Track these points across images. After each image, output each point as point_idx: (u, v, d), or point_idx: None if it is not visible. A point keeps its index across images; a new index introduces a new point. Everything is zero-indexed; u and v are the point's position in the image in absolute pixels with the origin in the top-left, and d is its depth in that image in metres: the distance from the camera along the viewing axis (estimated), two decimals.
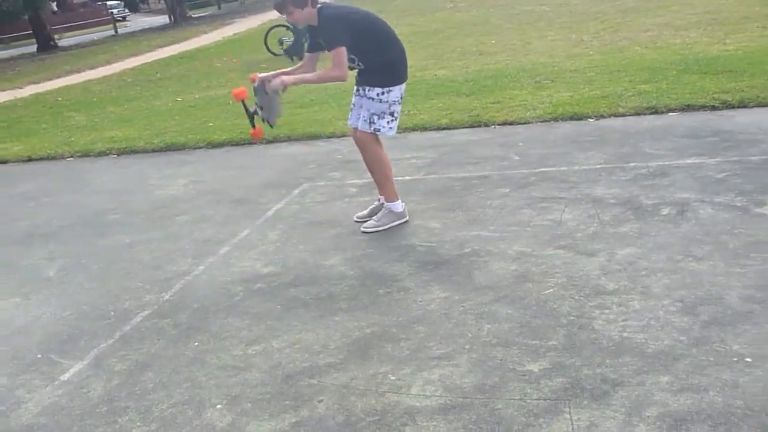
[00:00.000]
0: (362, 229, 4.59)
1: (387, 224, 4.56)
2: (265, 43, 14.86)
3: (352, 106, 4.64)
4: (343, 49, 4.27)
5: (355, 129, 4.59)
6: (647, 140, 5.55)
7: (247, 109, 4.60)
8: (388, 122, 4.47)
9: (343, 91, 9.44)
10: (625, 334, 2.96)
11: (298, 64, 4.77)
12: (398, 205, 4.61)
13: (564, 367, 2.79)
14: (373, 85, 4.43)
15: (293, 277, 4.04)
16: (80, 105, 12.27)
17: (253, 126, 4.62)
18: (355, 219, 4.77)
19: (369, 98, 4.43)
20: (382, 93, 4.41)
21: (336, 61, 4.31)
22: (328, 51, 4.37)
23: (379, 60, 4.43)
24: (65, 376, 3.32)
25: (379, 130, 4.47)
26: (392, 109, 4.46)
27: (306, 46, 4.70)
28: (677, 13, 12.37)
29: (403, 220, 4.60)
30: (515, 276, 3.63)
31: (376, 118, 4.44)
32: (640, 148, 5.39)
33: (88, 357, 3.47)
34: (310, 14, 4.37)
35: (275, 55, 14.44)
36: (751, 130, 5.44)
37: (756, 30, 9.57)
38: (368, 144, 4.53)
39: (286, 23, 14.41)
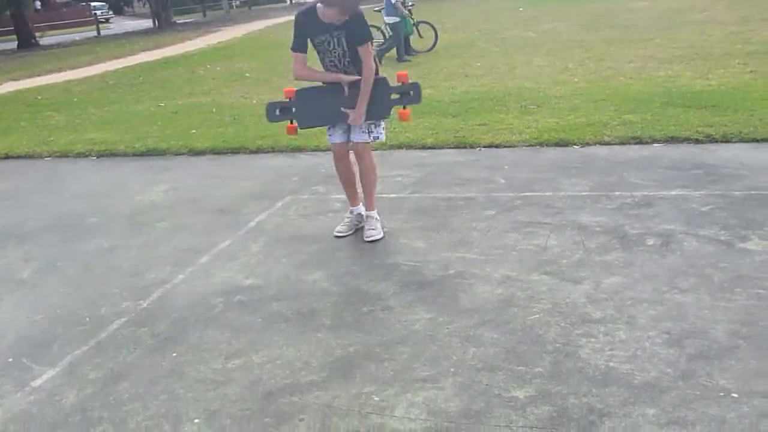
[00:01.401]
0: (367, 238, 4.58)
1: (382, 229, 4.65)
2: None
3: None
4: None
5: (343, 144, 4.57)
6: (632, 170, 5.58)
7: (288, 108, 4.64)
8: (382, 128, 4.61)
9: None
10: (611, 364, 2.94)
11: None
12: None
13: (550, 395, 2.76)
14: None
15: (275, 290, 3.98)
16: (60, 105, 12.11)
17: (291, 122, 4.65)
18: (336, 235, 4.73)
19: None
20: None
21: (369, 54, 4.33)
22: (360, 46, 4.34)
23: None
24: (37, 383, 3.23)
25: (378, 137, 4.56)
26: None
27: (296, 44, 4.53)
28: (660, 46, 12.52)
29: None
30: (501, 300, 3.61)
31: (373, 126, 4.50)
32: (626, 177, 5.42)
33: (62, 363, 3.38)
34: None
35: None
36: (733, 164, 5.49)
37: (737, 66, 9.71)
38: (369, 153, 4.60)
39: (377, 25, 14.48)
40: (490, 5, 28.93)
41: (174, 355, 3.36)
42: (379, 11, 14.66)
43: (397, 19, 13.43)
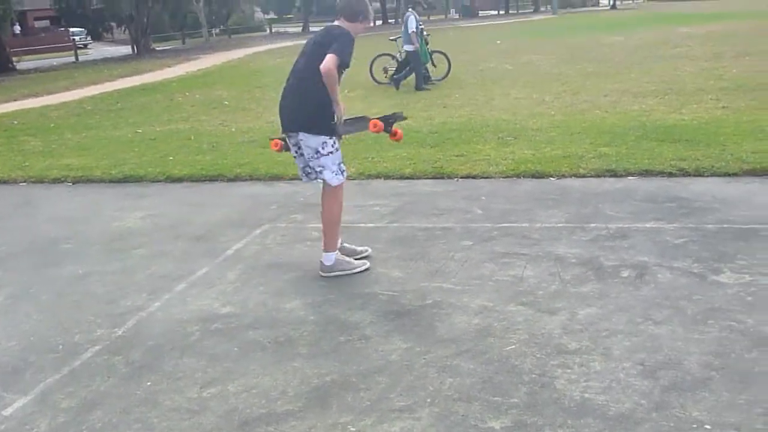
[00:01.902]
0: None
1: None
2: (370, 71, 14.93)
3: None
4: None
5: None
6: (607, 202, 5.65)
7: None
8: (329, 173, 4.58)
9: None
10: (586, 395, 2.96)
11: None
12: None
13: (526, 425, 2.77)
14: None
15: (252, 319, 3.96)
16: (37, 130, 12.03)
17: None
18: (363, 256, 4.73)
19: None
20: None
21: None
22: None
23: None
24: (8, 411, 3.18)
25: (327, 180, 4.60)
26: None
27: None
28: (635, 80, 12.76)
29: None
30: (477, 330, 3.62)
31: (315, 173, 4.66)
32: (601, 209, 5.49)
33: (34, 392, 3.33)
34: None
35: (378, 83, 14.61)
36: (706, 198, 5.59)
37: (710, 102, 9.91)
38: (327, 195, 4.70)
39: (391, 52, 14.61)
40: (468, 37, 29.30)
41: (149, 383, 3.33)
42: (394, 40, 14.81)
43: (414, 48, 13.48)
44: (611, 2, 59.24)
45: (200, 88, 16.87)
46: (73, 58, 34.70)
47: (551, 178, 6.51)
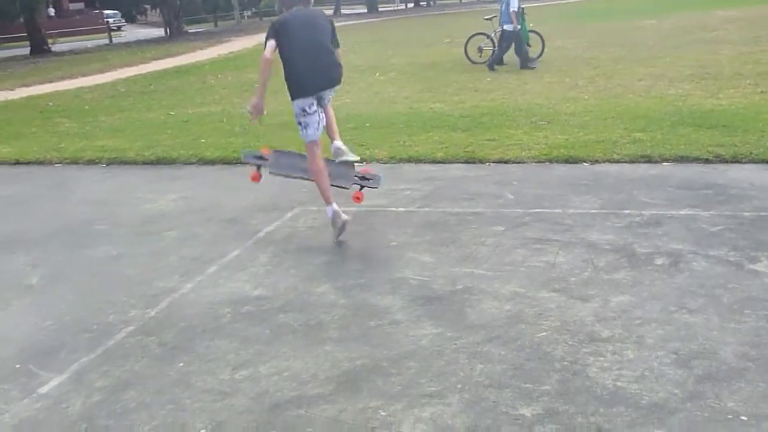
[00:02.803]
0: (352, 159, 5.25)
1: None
2: (465, 51, 14.76)
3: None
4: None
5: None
6: (642, 188, 5.57)
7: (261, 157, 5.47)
8: (301, 131, 5.05)
9: (337, 118, 9.44)
10: (619, 384, 2.93)
11: None
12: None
13: (557, 413, 2.76)
14: None
15: (283, 302, 3.98)
16: (71, 111, 12.18)
17: (258, 169, 5.46)
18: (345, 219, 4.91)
19: None
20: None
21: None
22: None
23: (285, 70, 4.96)
24: (44, 389, 3.23)
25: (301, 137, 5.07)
26: (298, 119, 5.03)
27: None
28: (670, 64, 12.53)
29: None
30: (508, 316, 3.60)
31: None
32: (635, 195, 5.41)
33: (69, 371, 3.38)
34: None
35: (473, 62, 14.43)
36: (743, 185, 5.48)
37: (748, 87, 9.70)
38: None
39: (486, 32, 14.41)
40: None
41: (181, 364, 3.36)
42: (489, 20, 14.62)
43: (514, 27, 13.26)
44: None
45: (232, 71, 16.93)
46: (107, 41, 35.02)
47: (584, 164, 6.43)
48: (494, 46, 14.40)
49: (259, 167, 5.54)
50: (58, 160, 8.24)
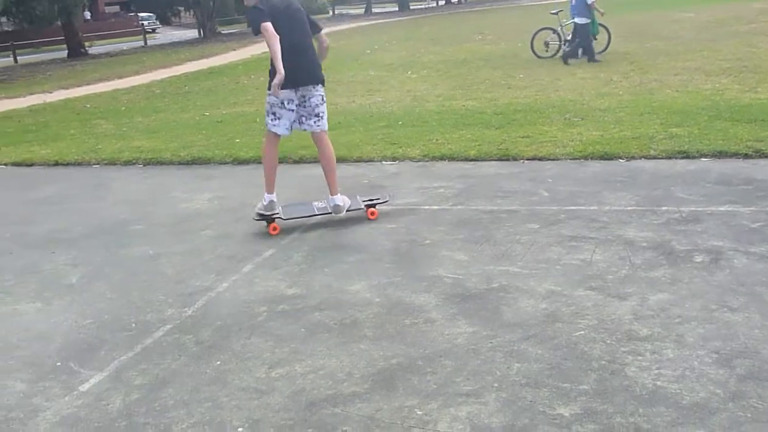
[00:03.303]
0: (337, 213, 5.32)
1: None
2: (531, 46, 14.73)
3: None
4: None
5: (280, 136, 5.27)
6: (679, 184, 5.49)
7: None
8: (271, 119, 5.14)
9: (369, 116, 9.48)
10: (658, 383, 2.89)
11: None
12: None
13: (596, 413, 2.72)
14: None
15: (318, 300, 3.99)
16: (108, 113, 12.36)
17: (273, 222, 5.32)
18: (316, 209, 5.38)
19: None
20: (268, 92, 5.11)
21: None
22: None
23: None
24: (84, 387, 3.28)
25: (266, 125, 5.19)
26: (273, 109, 5.12)
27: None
28: (707, 58, 12.33)
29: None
30: (545, 315, 3.57)
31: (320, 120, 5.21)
32: (672, 192, 5.33)
33: (108, 368, 3.43)
34: None
35: (539, 57, 14.40)
36: None
37: None
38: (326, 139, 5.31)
39: (552, 27, 14.36)
40: (531, 15, 28.78)
41: (218, 362, 3.39)
42: (555, 14, 14.49)
43: (589, 20, 13.09)
44: None
45: (264, 71, 16.98)
46: (142, 43, 35.52)
47: (620, 160, 6.36)
48: (560, 41, 14.27)
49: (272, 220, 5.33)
50: (95, 161, 8.36)
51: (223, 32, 39.28)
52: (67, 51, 32.02)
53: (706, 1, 26.19)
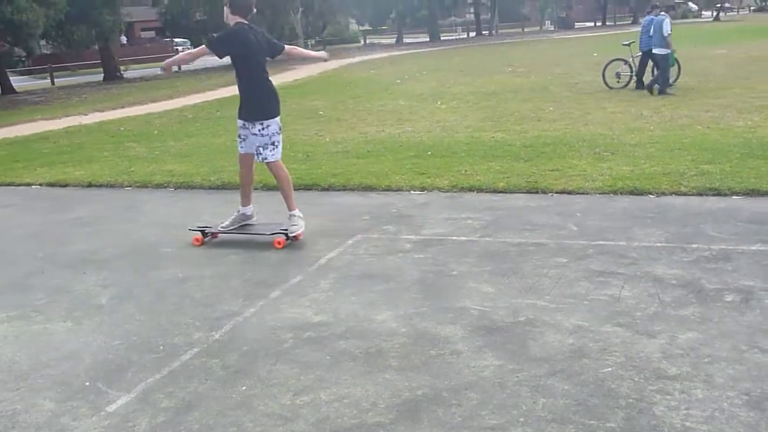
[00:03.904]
0: (291, 233, 5.60)
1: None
2: (603, 77, 14.80)
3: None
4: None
5: (247, 155, 5.86)
6: (710, 222, 5.45)
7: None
8: (271, 150, 5.65)
9: (399, 146, 9.53)
10: (687, 424, 2.85)
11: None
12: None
13: None
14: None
15: (344, 328, 4.00)
16: (141, 136, 12.56)
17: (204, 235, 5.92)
18: (221, 229, 5.89)
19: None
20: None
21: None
22: None
23: (257, 89, 5.75)
24: (112, 408, 3.31)
25: (266, 159, 5.70)
26: (273, 139, 5.62)
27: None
28: (739, 95, 12.27)
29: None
30: (572, 350, 3.55)
31: (261, 149, 5.67)
32: (703, 229, 5.29)
33: (136, 390, 3.46)
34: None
35: (610, 88, 14.43)
36: None
37: None
38: (277, 167, 5.80)
39: (624, 58, 14.45)
40: (562, 49, 28.88)
41: (243, 388, 3.41)
42: (628, 45, 14.59)
43: (669, 51, 13.14)
44: (714, 13, 57.19)
45: (296, 98, 17.22)
46: (176, 68, 36.07)
47: (650, 196, 6.33)
48: (632, 72, 14.30)
49: (204, 234, 5.95)
50: (128, 183, 8.49)
51: None
52: (103, 74, 32.68)
53: (740, 38, 26.08)
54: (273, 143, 5.63)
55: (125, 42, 51.48)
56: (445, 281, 4.64)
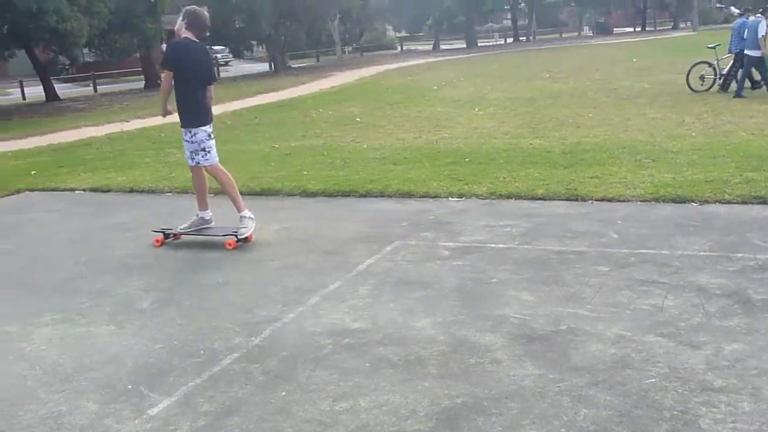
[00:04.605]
0: (240, 236, 5.93)
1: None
2: (687, 80, 14.69)
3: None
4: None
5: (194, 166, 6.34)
6: (755, 231, 5.33)
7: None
8: (204, 155, 6.13)
9: (436, 152, 9.52)
10: None
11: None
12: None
13: None
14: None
15: (382, 335, 4.00)
16: (181, 143, 12.67)
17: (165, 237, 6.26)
18: (180, 230, 6.22)
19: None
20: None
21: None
22: None
23: (185, 99, 6.12)
24: (153, 411, 3.35)
25: (199, 162, 6.19)
26: (203, 145, 6.07)
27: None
28: None
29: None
30: (614, 360, 3.49)
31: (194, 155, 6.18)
32: (748, 238, 5.18)
33: (177, 394, 3.50)
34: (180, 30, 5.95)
35: (693, 91, 14.31)
36: None
37: None
38: (215, 170, 6.29)
39: (709, 60, 14.33)
40: (602, 55, 28.60)
41: (283, 393, 3.42)
42: (713, 48, 14.49)
43: (762, 53, 12.92)
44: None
45: (333, 105, 17.32)
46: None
47: (693, 204, 6.22)
48: (716, 75, 14.15)
49: (165, 236, 6.28)
50: (168, 188, 8.61)
51: (293, 66, 40.14)
52: (144, 82, 33.21)
53: None
54: (204, 149, 6.07)
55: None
56: (484, 289, 4.61)
